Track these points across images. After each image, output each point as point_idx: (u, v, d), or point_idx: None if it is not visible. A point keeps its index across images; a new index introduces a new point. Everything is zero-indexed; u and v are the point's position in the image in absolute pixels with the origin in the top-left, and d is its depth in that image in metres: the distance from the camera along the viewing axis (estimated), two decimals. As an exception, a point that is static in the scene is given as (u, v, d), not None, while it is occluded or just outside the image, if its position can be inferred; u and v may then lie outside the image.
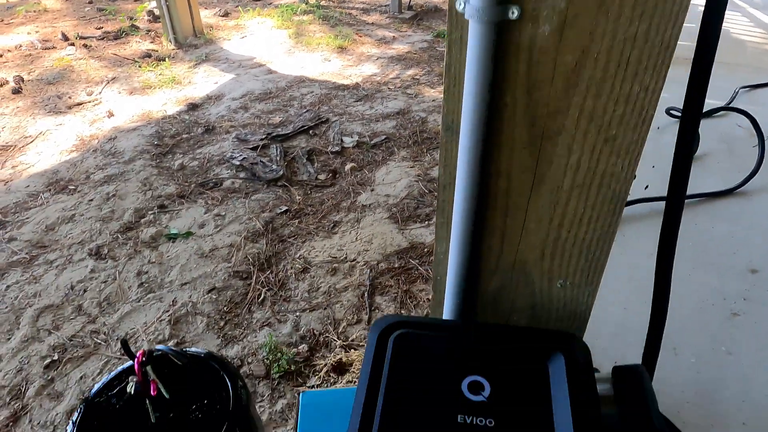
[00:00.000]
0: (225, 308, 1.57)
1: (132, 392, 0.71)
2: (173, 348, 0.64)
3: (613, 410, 0.60)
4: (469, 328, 0.62)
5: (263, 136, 2.48)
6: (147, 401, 0.72)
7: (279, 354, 1.39)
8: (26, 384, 1.35)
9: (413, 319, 0.62)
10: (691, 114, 0.58)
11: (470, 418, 0.52)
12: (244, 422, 0.76)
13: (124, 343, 0.67)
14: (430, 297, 1.38)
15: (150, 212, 2.00)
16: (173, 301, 1.59)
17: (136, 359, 0.67)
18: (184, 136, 2.57)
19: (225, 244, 1.82)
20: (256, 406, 1.28)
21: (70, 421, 0.74)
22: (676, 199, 0.64)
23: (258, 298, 1.60)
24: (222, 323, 1.52)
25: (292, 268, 1.71)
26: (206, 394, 0.77)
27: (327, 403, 0.67)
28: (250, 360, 1.40)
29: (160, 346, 0.64)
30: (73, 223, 1.95)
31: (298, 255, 1.77)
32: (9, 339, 1.47)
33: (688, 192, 1.89)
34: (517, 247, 0.64)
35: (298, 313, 1.54)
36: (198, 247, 1.81)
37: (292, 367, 1.36)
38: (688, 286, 1.44)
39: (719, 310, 1.36)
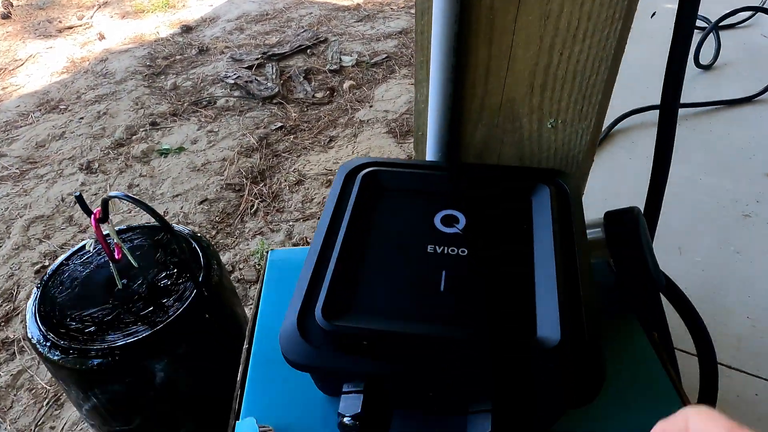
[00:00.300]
0: (217, 218, 1.53)
1: (91, 250, 0.68)
2: (130, 195, 0.59)
3: (604, 255, 0.55)
4: (445, 165, 0.56)
5: (258, 56, 2.38)
6: (111, 265, 0.68)
7: (271, 260, 1.36)
8: (17, 288, 1.34)
9: (387, 160, 0.56)
10: (686, 16, 0.50)
11: (441, 248, 0.47)
12: (215, 293, 0.72)
13: (79, 199, 0.62)
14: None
15: (142, 129, 1.94)
16: (164, 211, 1.56)
17: (92, 216, 0.63)
18: (178, 57, 2.47)
19: (218, 159, 1.77)
20: (245, 308, 1.26)
21: (35, 286, 0.71)
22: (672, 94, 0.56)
23: (251, 209, 1.56)
24: (214, 232, 1.49)
25: (286, 180, 1.66)
26: (177, 265, 0.73)
27: (295, 260, 0.62)
28: (241, 266, 1.38)
29: (114, 192, 0.60)
30: (64, 140, 1.90)
31: (292, 169, 1.72)
32: (0, 247, 1.46)
33: (705, 99, 1.77)
34: (503, 82, 0.56)
35: (291, 223, 1.50)
36: (190, 162, 1.76)
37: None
38: (698, 190, 1.37)
39: (730, 212, 1.29)
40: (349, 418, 0.39)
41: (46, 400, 1.09)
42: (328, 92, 2.15)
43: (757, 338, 0.99)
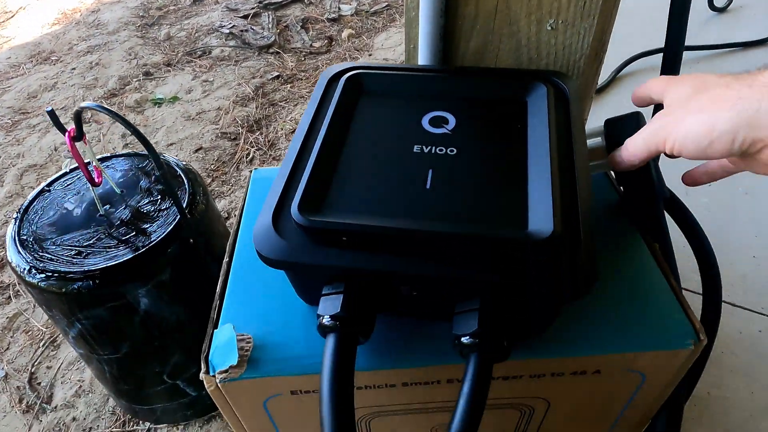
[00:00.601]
0: (212, 167, 1.50)
1: (66, 170, 0.65)
2: (104, 106, 0.56)
3: (605, 166, 0.52)
4: (435, 67, 0.52)
5: (254, 5, 2.30)
6: (92, 189, 0.65)
7: (266, 206, 1.34)
8: (12, 235, 1.33)
9: (372, 64, 0.53)
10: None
11: (429, 148, 0.43)
12: (199, 219, 0.70)
13: (52, 115, 0.59)
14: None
15: (135, 80, 1.89)
16: (159, 160, 1.53)
17: (67, 134, 0.60)
18: (171, 7, 2.39)
19: (213, 108, 1.72)
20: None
21: (15, 212, 0.68)
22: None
23: (246, 157, 1.53)
24: (209, 180, 1.46)
25: (282, 129, 1.62)
26: (162, 191, 0.71)
27: (279, 177, 0.59)
28: (237, 213, 1.36)
29: (87, 103, 0.56)
30: (56, 90, 1.86)
31: (289, 117, 1.67)
32: (-7, 195, 1.44)
33: (718, 42, 1.69)
34: (499, -21, 0.52)
35: (287, 171, 1.47)
36: (184, 111, 1.72)
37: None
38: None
39: (740, 153, 1.25)
40: (328, 318, 0.37)
41: (42, 342, 1.09)
42: (326, 41, 2.08)
43: (762, 276, 0.97)
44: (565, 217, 0.36)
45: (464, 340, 0.35)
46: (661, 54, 0.54)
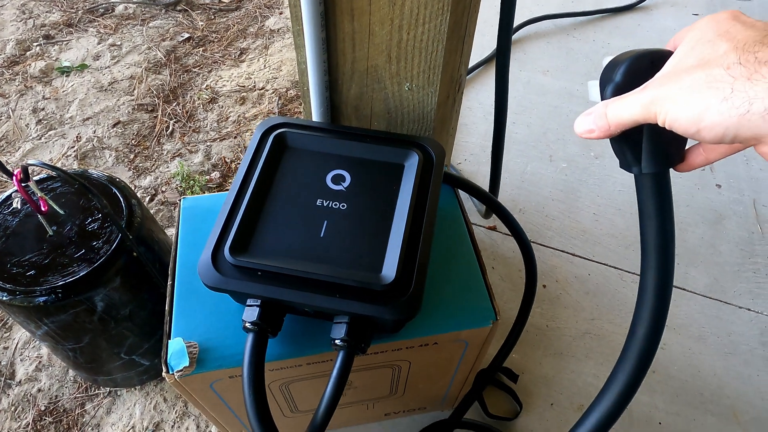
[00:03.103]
0: (133, 141, 1.56)
1: (18, 207, 0.76)
2: (47, 163, 0.67)
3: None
4: (344, 129, 0.66)
5: (155, -48, 2.19)
6: (40, 217, 0.77)
7: (192, 182, 1.45)
8: (-63, 223, 1.36)
9: (297, 121, 0.66)
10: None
11: (327, 202, 0.59)
12: (138, 234, 0.83)
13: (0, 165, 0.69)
14: (302, 110, 1.42)
15: (35, 44, 1.83)
16: (77, 136, 1.56)
17: (14, 177, 0.70)
18: (61, -48, 2.22)
19: (125, 77, 1.73)
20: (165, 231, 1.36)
21: (-32, 239, 0.78)
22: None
23: (166, 130, 1.59)
24: (132, 156, 1.53)
25: (199, 99, 1.68)
26: (101, 210, 0.83)
27: (207, 206, 0.74)
28: (164, 189, 1.46)
29: (32, 161, 0.67)
30: (-53, 58, 1.76)
31: (204, 85, 1.72)
32: None
33: (592, 8, 1.90)
34: (367, 52, 0.67)
35: (208, 143, 1.56)
36: (96, 81, 1.71)
37: (206, 193, 1.43)
38: (573, 101, 1.56)
39: (596, 120, 1.50)
40: (250, 323, 0.55)
41: (-6, 325, 1.19)
42: (235, -4, 2.06)
43: (597, 230, 1.25)
44: (406, 267, 0.54)
45: (336, 341, 0.55)
46: (547, 21, 0.71)
